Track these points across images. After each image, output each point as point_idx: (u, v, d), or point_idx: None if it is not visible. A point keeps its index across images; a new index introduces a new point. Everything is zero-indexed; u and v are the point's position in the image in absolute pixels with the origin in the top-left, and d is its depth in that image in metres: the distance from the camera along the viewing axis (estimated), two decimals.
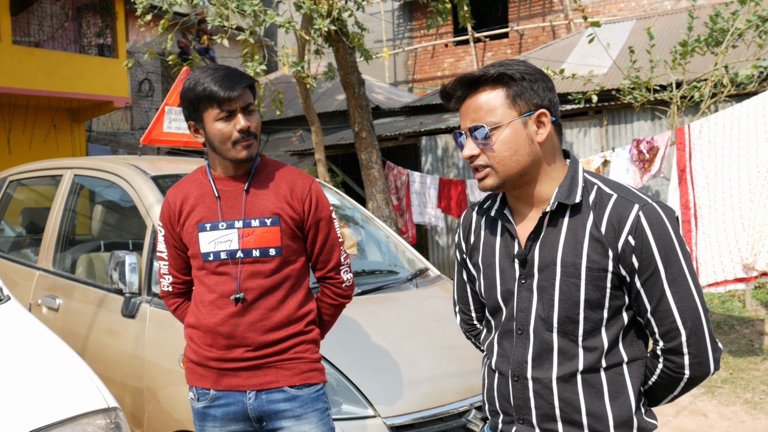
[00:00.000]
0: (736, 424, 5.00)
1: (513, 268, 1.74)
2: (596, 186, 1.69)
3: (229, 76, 2.20)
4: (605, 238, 1.62)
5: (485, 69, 1.66)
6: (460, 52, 16.16)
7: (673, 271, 1.60)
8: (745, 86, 7.28)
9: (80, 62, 11.76)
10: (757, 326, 7.17)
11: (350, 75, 8.11)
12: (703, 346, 1.62)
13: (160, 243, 2.45)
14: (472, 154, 1.69)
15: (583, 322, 1.65)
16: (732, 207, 5.67)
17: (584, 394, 1.66)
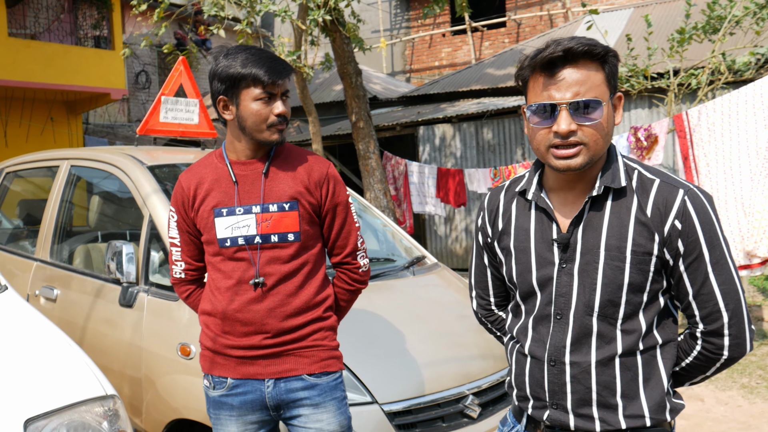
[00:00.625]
0: (732, 409, 5.02)
1: (551, 252, 1.71)
2: (637, 170, 1.68)
3: (276, 60, 2.23)
4: (651, 221, 1.62)
5: (591, 42, 1.60)
6: (458, 41, 16.13)
7: (716, 255, 1.62)
8: (743, 73, 7.27)
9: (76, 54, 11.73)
10: (753, 312, 7.19)
11: (347, 65, 8.10)
12: (742, 328, 1.64)
13: (172, 229, 2.42)
14: (572, 129, 1.59)
15: (625, 305, 1.64)
16: (734, 194, 5.68)
17: (621, 377, 1.66)
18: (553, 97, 1.60)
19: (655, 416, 1.66)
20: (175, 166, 3.87)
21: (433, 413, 2.93)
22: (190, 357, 2.98)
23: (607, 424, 1.67)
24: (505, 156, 10.47)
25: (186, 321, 3.06)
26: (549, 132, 1.62)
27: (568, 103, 1.58)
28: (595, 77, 1.60)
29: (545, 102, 1.61)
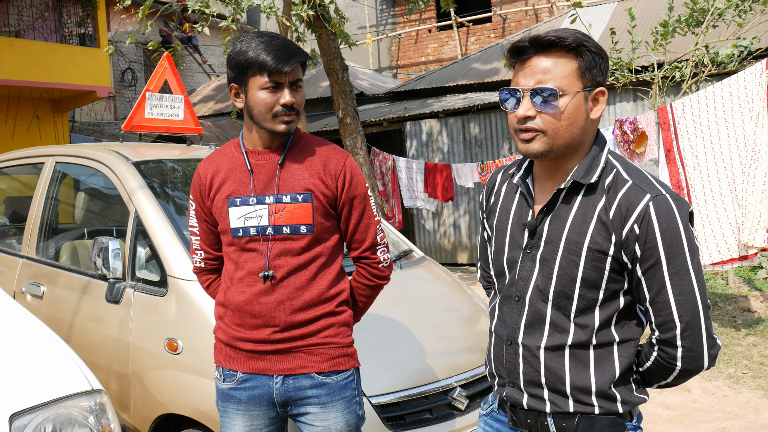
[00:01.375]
0: (719, 399, 5.06)
1: (522, 236, 1.77)
2: (615, 169, 1.69)
3: (285, 47, 2.15)
4: (611, 222, 1.63)
5: (562, 33, 1.64)
6: (444, 37, 16.14)
7: (676, 265, 1.60)
8: (726, 65, 7.32)
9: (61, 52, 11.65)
10: (739, 303, 7.25)
11: (333, 61, 8.09)
12: (698, 342, 1.61)
13: (191, 218, 2.41)
14: (528, 114, 1.64)
15: (578, 299, 1.67)
16: (728, 186, 5.71)
17: (570, 367, 1.68)
18: (519, 83, 1.67)
19: (603, 405, 1.68)
20: (160, 161, 3.86)
21: (420, 405, 2.94)
22: (177, 352, 2.98)
23: (556, 406, 1.71)
24: (492, 150, 10.50)
25: (173, 316, 3.06)
26: (515, 116, 1.68)
27: (530, 90, 1.64)
28: (564, 68, 1.64)
29: (510, 87, 1.69)
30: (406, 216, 11.34)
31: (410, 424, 2.87)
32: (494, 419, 1.90)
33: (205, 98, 15.81)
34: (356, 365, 2.35)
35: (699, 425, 4.63)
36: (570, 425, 1.70)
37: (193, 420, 2.94)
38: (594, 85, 1.67)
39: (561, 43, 1.63)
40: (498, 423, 1.89)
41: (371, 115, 11.48)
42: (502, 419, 1.87)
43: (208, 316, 2.92)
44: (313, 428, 2.27)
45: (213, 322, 2.88)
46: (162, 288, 3.14)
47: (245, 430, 2.28)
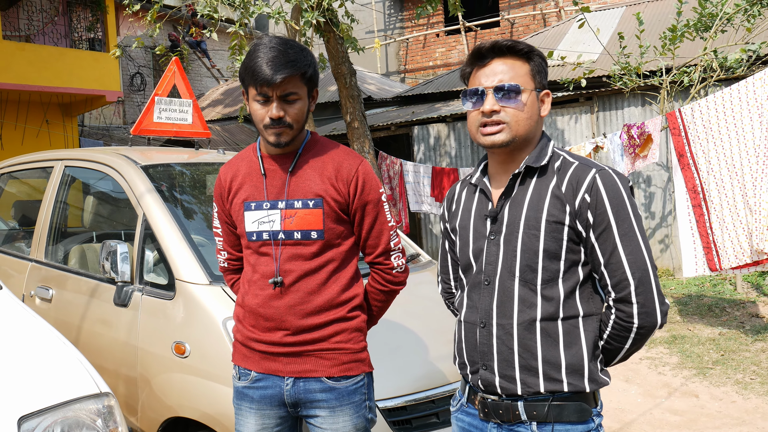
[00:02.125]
0: (727, 405, 5.04)
1: (485, 226, 1.94)
2: (562, 156, 1.91)
3: (276, 59, 2.11)
4: (564, 195, 1.82)
5: (516, 42, 1.90)
6: (452, 41, 16.15)
7: (624, 227, 1.79)
8: (734, 70, 7.30)
9: (71, 57, 11.72)
10: (748, 308, 7.21)
11: (341, 65, 8.11)
12: (650, 297, 1.79)
13: (215, 219, 2.47)
14: (494, 109, 1.86)
15: (542, 271, 1.83)
16: (740, 191, 5.69)
17: (542, 342, 1.82)
18: (482, 83, 1.89)
19: (572, 381, 1.81)
20: (169, 165, 3.88)
21: (428, 410, 2.94)
22: (184, 355, 2.99)
23: (527, 386, 1.83)
24: None
25: (180, 320, 3.07)
26: (479, 113, 1.89)
27: (494, 87, 1.86)
28: (520, 69, 1.89)
29: (475, 87, 1.90)
30: (414, 220, 11.34)
31: (417, 428, 2.88)
32: (465, 413, 1.99)
33: (214, 102, 15.86)
34: (368, 370, 2.36)
35: (707, 431, 4.61)
36: (540, 411, 1.82)
37: (201, 423, 2.95)
38: (541, 87, 1.93)
39: (516, 48, 1.88)
40: (469, 416, 1.97)
41: (379, 120, 11.50)
42: (472, 412, 1.96)
43: (215, 320, 2.93)
44: (322, 431, 2.29)
45: (220, 326, 2.89)
46: (170, 291, 3.15)
47: (257, 428, 2.32)
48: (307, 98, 2.24)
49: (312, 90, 2.27)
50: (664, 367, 5.93)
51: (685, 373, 5.72)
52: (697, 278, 8.66)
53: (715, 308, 7.34)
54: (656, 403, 5.15)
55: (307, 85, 2.22)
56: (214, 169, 4.07)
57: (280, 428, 2.34)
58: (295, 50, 2.17)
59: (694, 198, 6.07)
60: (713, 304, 7.45)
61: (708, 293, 7.94)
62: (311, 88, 2.25)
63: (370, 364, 2.37)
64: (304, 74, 2.18)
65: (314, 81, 2.25)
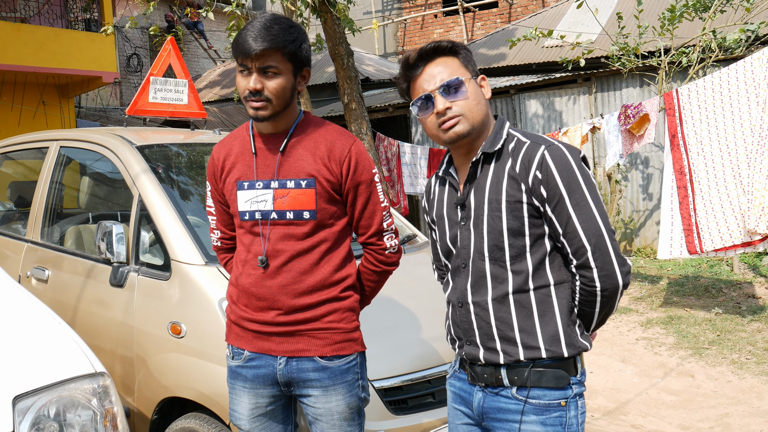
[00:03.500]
0: (722, 384, 5.06)
1: (456, 214, 2.05)
2: (516, 137, 2.00)
3: (260, 33, 2.12)
4: (519, 175, 1.92)
5: (437, 42, 2.00)
6: (450, 22, 16.05)
7: (576, 198, 1.88)
8: (733, 51, 7.27)
9: (67, 37, 11.63)
10: (744, 289, 7.23)
11: (339, 46, 8.06)
12: (608, 261, 1.87)
13: (208, 198, 2.47)
14: (447, 106, 1.95)
15: (509, 248, 1.93)
16: (732, 171, 5.67)
17: (516, 313, 1.94)
18: (426, 89, 1.98)
19: (550, 348, 1.92)
20: (164, 146, 3.86)
21: (423, 389, 2.95)
22: (180, 336, 2.99)
23: (509, 355, 1.94)
24: None
25: (176, 300, 3.07)
26: (433, 116, 1.98)
27: (438, 88, 1.96)
28: (452, 64, 1.99)
29: (422, 95, 1.98)
30: (412, 202, 11.34)
31: (413, 407, 2.88)
32: (457, 379, 2.14)
33: (211, 84, 15.79)
34: (360, 349, 2.37)
35: (702, 410, 4.64)
36: (521, 377, 1.93)
37: (197, 403, 2.95)
38: (476, 74, 2.02)
39: (440, 47, 1.99)
40: (460, 381, 2.12)
41: (377, 101, 11.45)
42: (463, 377, 2.11)
43: (211, 300, 2.93)
44: (315, 410, 2.31)
45: (216, 306, 2.90)
46: (165, 272, 3.15)
47: (250, 406, 2.34)
48: (293, 76, 2.22)
49: (300, 68, 2.24)
50: (660, 348, 5.95)
51: (681, 354, 5.74)
52: (693, 259, 8.67)
53: (711, 289, 7.36)
54: (652, 383, 5.17)
55: (291, 62, 2.19)
56: (210, 150, 4.05)
57: (274, 407, 2.36)
58: (282, 26, 2.16)
59: (680, 179, 6.03)
60: (710, 284, 7.47)
61: (705, 274, 7.96)
62: (298, 65, 2.23)
63: (363, 344, 2.38)
64: (285, 49, 2.16)
65: (300, 59, 2.22)
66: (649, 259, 9.19)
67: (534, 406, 1.92)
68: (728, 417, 4.50)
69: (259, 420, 2.35)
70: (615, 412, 4.71)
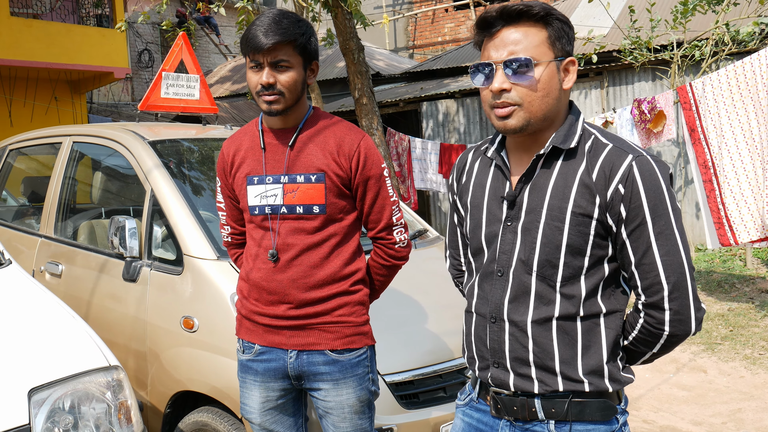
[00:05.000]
0: (735, 380, 5.04)
1: (500, 209, 1.72)
2: (594, 135, 1.67)
3: (269, 27, 2.14)
4: (595, 184, 1.60)
5: (530, 3, 1.62)
6: (461, 16, 16.01)
7: (661, 225, 1.57)
8: (747, 44, 7.21)
9: (79, 33, 11.68)
10: (757, 284, 7.19)
11: (349, 41, 8.05)
12: (685, 303, 1.59)
13: (218, 194, 2.49)
14: (504, 87, 1.61)
15: (563, 267, 1.63)
16: (752, 165, 5.66)
17: (558, 341, 1.64)
18: (490, 56, 1.64)
19: (593, 382, 1.64)
20: (176, 141, 3.88)
21: (435, 384, 2.95)
22: (193, 330, 3.01)
23: (546, 385, 1.65)
24: None
25: (189, 294, 3.08)
26: (488, 92, 1.64)
27: (503, 62, 1.61)
28: (535, 38, 1.61)
29: (481, 62, 1.65)
30: (422, 197, 11.33)
31: (424, 402, 2.89)
32: (474, 409, 1.82)
33: (222, 79, 15.82)
34: (370, 343, 2.38)
35: (715, 406, 4.62)
36: (560, 409, 1.65)
37: (210, 397, 2.97)
38: (564, 54, 1.65)
39: (529, 13, 1.60)
40: (479, 413, 1.81)
41: (387, 96, 11.44)
42: (483, 408, 1.80)
43: (223, 295, 2.94)
44: (326, 403, 2.32)
45: (228, 301, 2.91)
46: (178, 267, 3.16)
47: (261, 400, 2.35)
48: (303, 69, 2.24)
49: (309, 62, 2.27)
50: None
51: (694, 349, 5.72)
52: (706, 254, 8.63)
53: (724, 284, 7.32)
54: (664, 379, 5.15)
55: (301, 55, 2.22)
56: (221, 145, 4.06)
57: (284, 400, 2.38)
58: (290, 20, 2.19)
59: (705, 173, 6.03)
60: (723, 279, 7.43)
61: (717, 269, 7.92)
62: (307, 59, 2.25)
63: (373, 337, 2.39)
64: (296, 42, 2.18)
65: (310, 52, 2.25)
66: None
67: None
68: (741, 412, 4.48)
69: (270, 413, 2.37)
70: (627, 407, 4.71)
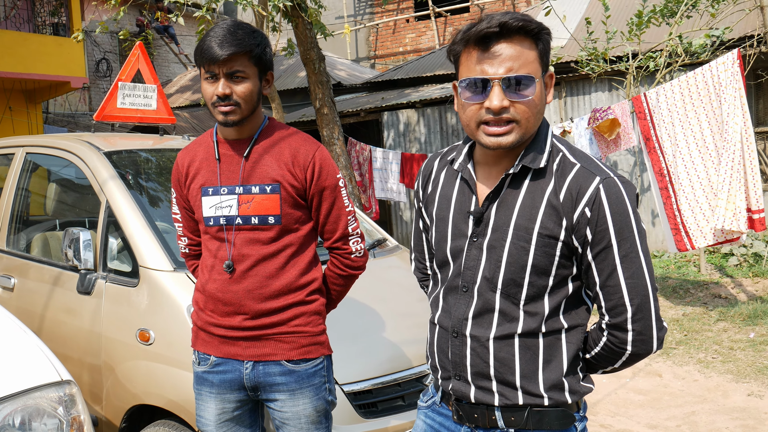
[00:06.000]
0: (689, 383, 5.14)
1: (466, 224, 1.71)
2: (561, 153, 1.66)
3: (224, 38, 2.14)
4: (562, 206, 1.60)
5: (527, 18, 1.57)
6: (422, 27, 16.12)
7: (627, 247, 1.58)
8: (699, 55, 7.39)
9: (34, 42, 11.49)
10: (711, 289, 7.35)
11: (310, 51, 8.06)
12: (648, 325, 1.61)
13: (173, 205, 2.47)
14: (504, 105, 1.57)
15: (528, 286, 1.63)
16: (706, 172, 5.81)
17: (519, 356, 1.65)
18: (486, 71, 1.57)
19: (552, 396, 1.66)
20: (132, 152, 3.84)
21: (393, 393, 2.96)
22: (149, 343, 2.97)
23: (506, 398, 1.67)
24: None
25: (145, 307, 3.05)
26: (480, 108, 1.60)
27: (501, 78, 1.56)
28: (529, 54, 1.58)
29: (478, 77, 1.58)
30: (384, 207, 11.35)
31: (383, 411, 2.89)
32: (436, 413, 1.84)
33: (182, 88, 15.69)
34: (327, 353, 2.38)
35: (670, 409, 4.71)
36: (519, 419, 1.67)
37: (166, 410, 2.94)
38: (547, 69, 1.64)
39: (527, 28, 1.57)
40: (441, 417, 1.83)
41: (349, 106, 11.46)
42: (445, 413, 1.81)
43: (180, 306, 2.92)
44: (283, 414, 2.32)
45: (185, 312, 2.88)
46: (134, 279, 3.13)
47: (217, 412, 2.34)
48: (258, 80, 2.25)
49: (264, 72, 2.28)
50: None
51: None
52: (662, 260, 8.80)
53: (679, 289, 7.47)
54: (621, 384, 5.23)
55: (256, 66, 2.23)
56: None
57: (240, 412, 2.36)
58: (245, 31, 2.20)
59: (661, 181, 6.17)
60: (678, 285, 7.58)
61: (673, 275, 8.08)
62: (263, 69, 2.26)
63: (329, 347, 2.40)
64: (251, 53, 2.19)
65: (265, 62, 2.26)
66: None
67: None
68: (695, 415, 4.57)
69: (226, 425, 2.35)
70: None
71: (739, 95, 5.67)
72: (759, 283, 7.38)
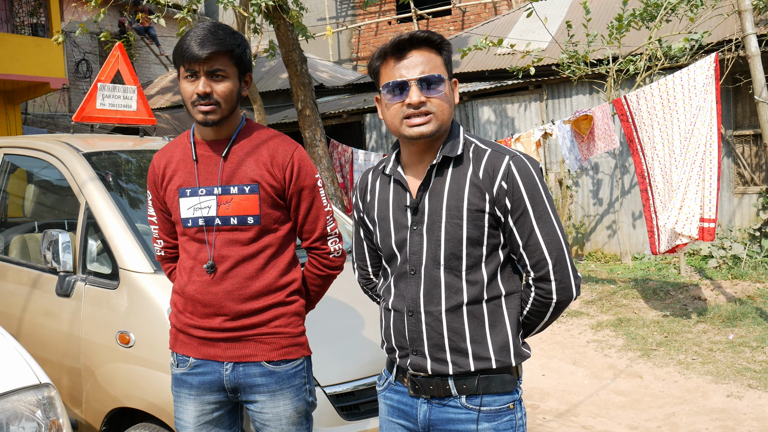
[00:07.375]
0: (669, 384, 5.18)
1: (405, 217, 1.98)
2: (474, 143, 1.97)
3: (204, 38, 2.14)
4: (482, 183, 1.89)
5: (430, 33, 1.92)
6: (404, 29, 16.15)
7: (540, 210, 1.88)
8: (678, 59, 7.46)
9: (13, 42, 11.37)
10: (690, 291, 7.42)
11: (292, 52, 8.05)
12: (566, 273, 1.90)
13: (149, 207, 2.45)
14: (422, 100, 1.88)
15: (466, 257, 1.90)
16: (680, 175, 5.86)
17: (469, 324, 1.91)
18: (403, 75, 1.90)
19: (500, 359, 1.91)
20: (112, 153, 3.80)
21: (375, 394, 2.95)
22: (129, 345, 2.95)
23: (458, 366, 1.91)
24: None
25: (125, 309, 3.02)
26: (402, 105, 1.90)
27: (417, 79, 1.88)
28: (436, 60, 1.92)
29: (398, 79, 1.90)
30: None
31: (365, 413, 2.89)
32: (393, 391, 2.07)
33: (163, 90, 15.60)
34: (307, 354, 2.38)
35: (650, 410, 4.74)
36: (470, 385, 1.91)
37: (147, 413, 2.91)
38: (451, 76, 1.98)
39: (431, 39, 1.91)
40: (398, 394, 2.05)
41: (331, 107, 11.45)
42: (401, 390, 2.04)
43: (160, 309, 2.89)
44: (263, 416, 2.31)
45: (165, 315, 2.86)
46: (113, 281, 3.10)
47: (196, 414, 2.32)
48: (238, 80, 2.25)
49: (244, 73, 2.28)
50: (610, 350, 6.06)
51: (630, 355, 5.86)
52: (642, 262, 8.86)
53: (659, 291, 7.53)
54: (602, 385, 5.26)
55: (237, 66, 2.23)
56: None
57: (220, 414, 2.35)
58: (225, 31, 2.20)
59: (642, 183, 6.24)
60: (658, 287, 7.64)
61: (653, 277, 8.14)
62: (242, 70, 2.26)
63: (309, 348, 2.40)
64: (232, 53, 2.19)
65: (245, 63, 2.26)
66: (599, 263, 9.35)
67: (486, 413, 1.91)
68: (675, 416, 4.61)
69: (206, 427, 2.34)
70: (566, 413, 4.78)
71: (710, 99, 5.72)
72: (738, 285, 7.45)
